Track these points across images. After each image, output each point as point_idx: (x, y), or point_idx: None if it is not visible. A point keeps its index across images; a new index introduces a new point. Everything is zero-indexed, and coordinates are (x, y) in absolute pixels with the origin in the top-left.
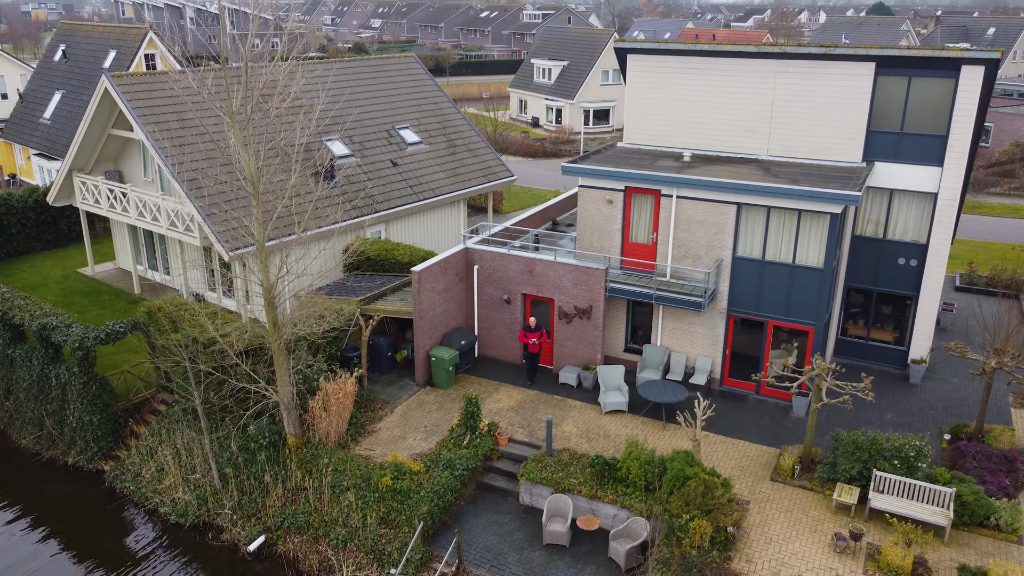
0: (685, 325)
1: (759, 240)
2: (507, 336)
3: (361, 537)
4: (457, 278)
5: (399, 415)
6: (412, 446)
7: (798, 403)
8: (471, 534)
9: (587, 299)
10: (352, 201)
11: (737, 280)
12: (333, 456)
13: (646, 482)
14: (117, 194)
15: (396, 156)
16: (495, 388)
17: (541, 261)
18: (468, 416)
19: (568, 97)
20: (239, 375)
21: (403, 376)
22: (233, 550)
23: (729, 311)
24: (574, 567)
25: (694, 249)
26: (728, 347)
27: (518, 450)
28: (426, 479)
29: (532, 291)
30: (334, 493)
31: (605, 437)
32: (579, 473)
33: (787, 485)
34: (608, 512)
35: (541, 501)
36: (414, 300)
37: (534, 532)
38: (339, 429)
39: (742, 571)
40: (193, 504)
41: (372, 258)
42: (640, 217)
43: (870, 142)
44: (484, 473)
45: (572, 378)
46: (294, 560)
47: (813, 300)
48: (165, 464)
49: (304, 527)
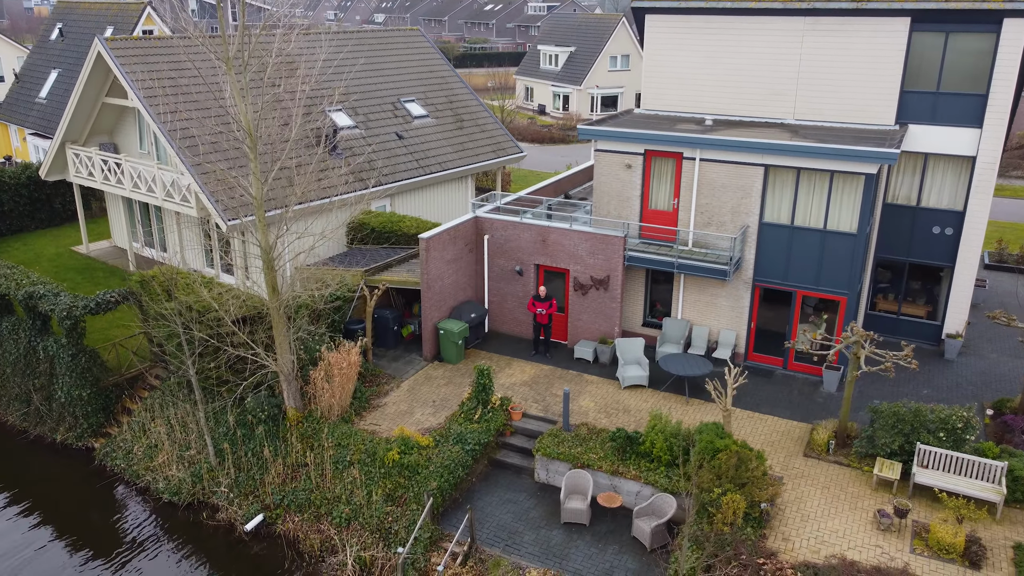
0: (708, 297)
1: (788, 205)
2: (519, 310)
3: (366, 515)
4: (467, 248)
5: (406, 390)
6: (420, 421)
7: (829, 377)
8: (484, 512)
9: (604, 269)
10: (356, 173)
11: (764, 248)
12: (336, 430)
13: (672, 456)
14: (111, 165)
15: (402, 129)
16: (507, 363)
17: (556, 229)
18: (480, 389)
19: (575, 83)
20: (236, 343)
21: (410, 351)
22: (229, 530)
23: (755, 281)
24: (595, 546)
25: (718, 215)
26: (753, 319)
27: (532, 425)
28: (435, 454)
29: (546, 262)
30: (337, 469)
31: (625, 412)
32: (599, 448)
33: (822, 461)
34: (631, 488)
35: (558, 478)
36: (421, 269)
37: (551, 510)
38: (342, 402)
39: (779, 549)
40: (187, 482)
41: (376, 230)
42: (660, 182)
43: (904, 103)
44: (497, 449)
45: (588, 353)
46: (294, 540)
47: (845, 268)
48: (158, 440)
49: (305, 505)
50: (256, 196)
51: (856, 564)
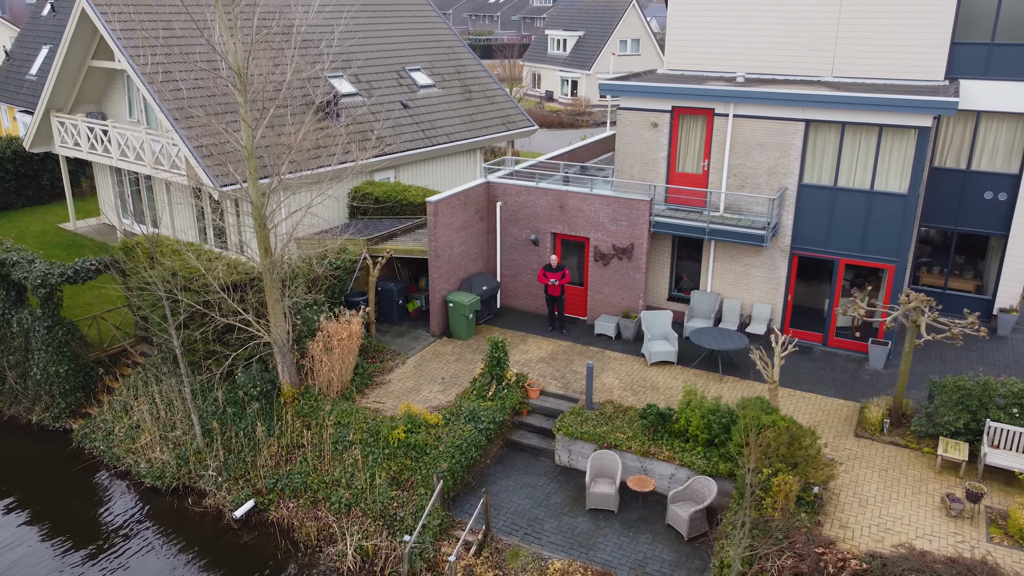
0: (740, 267)
1: (830, 164)
2: (534, 283)
3: (368, 500)
4: (478, 216)
5: (412, 366)
6: (428, 399)
7: (875, 353)
8: (499, 498)
9: (628, 237)
10: (358, 142)
11: (803, 212)
12: (335, 407)
13: (710, 435)
14: (98, 132)
15: (407, 98)
16: (521, 339)
17: (575, 194)
18: (493, 363)
19: (584, 68)
20: (225, 312)
21: (416, 327)
22: (217, 517)
23: (793, 249)
24: (625, 535)
25: (753, 177)
26: (790, 292)
27: (551, 403)
28: (445, 433)
29: (563, 230)
30: (336, 450)
31: (653, 389)
32: (627, 427)
33: (876, 441)
34: (663, 471)
35: (582, 460)
36: (429, 237)
37: (574, 495)
38: (343, 377)
39: (837, 537)
40: (172, 465)
41: (380, 199)
42: (689, 142)
43: (954, 56)
44: (513, 429)
45: (610, 328)
46: (288, 528)
47: (895, 232)
48: (141, 420)
49: (300, 489)
50: (246, 145)
51: (928, 554)
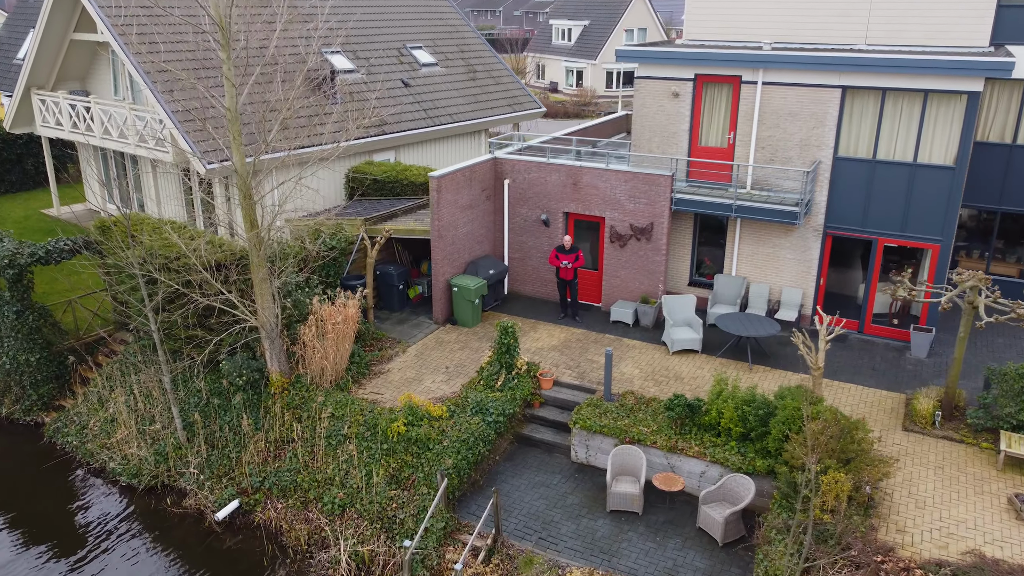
0: (769, 248)
1: (869, 134)
2: (544, 267)
3: (364, 501)
4: (484, 194)
5: (413, 355)
6: (430, 389)
7: (918, 341)
8: (510, 498)
9: (647, 215)
10: (356, 120)
11: (839, 187)
12: (329, 398)
13: (745, 429)
14: (80, 110)
15: (408, 77)
16: (531, 327)
17: (590, 170)
18: (503, 350)
19: (590, 58)
20: (208, 293)
21: (417, 314)
22: (198, 519)
23: (826, 228)
24: (651, 539)
25: (783, 150)
26: (823, 275)
27: (565, 394)
28: (450, 426)
29: (577, 209)
30: (330, 445)
31: (677, 379)
32: (650, 420)
33: (927, 436)
34: (693, 468)
35: (601, 457)
36: (432, 215)
37: (593, 495)
38: (337, 366)
39: (895, 544)
40: (149, 462)
41: (379, 180)
42: (713, 113)
43: (1001, 19)
44: (524, 423)
45: (627, 314)
46: (276, 531)
47: (939, 209)
48: (117, 413)
49: (290, 489)
50: (229, 107)
51: (1002, 563)
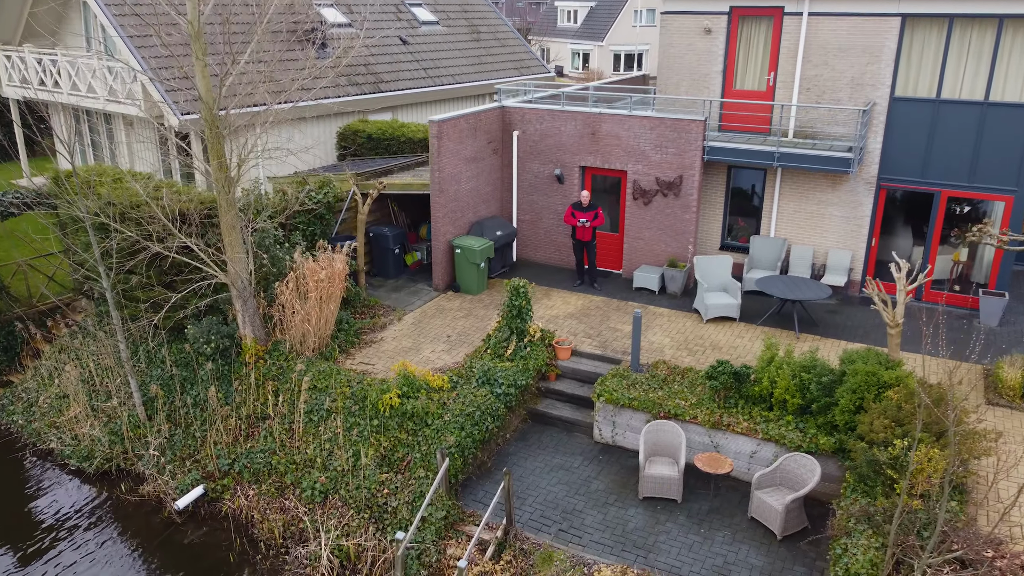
0: (813, 205)
1: (932, 69)
2: (557, 230)
3: (351, 486)
4: (490, 147)
5: (410, 323)
6: (429, 359)
7: (988, 307)
8: (524, 483)
9: (675, 168)
10: (349, 76)
11: (895, 133)
12: (311, 368)
13: (804, 400)
14: (46, 64)
15: (407, 34)
16: (544, 294)
17: (610, 117)
18: (513, 313)
19: (597, 39)
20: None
21: (416, 281)
22: (157, 507)
23: (880, 181)
24: (694, 532)
25: (831, 91)
26: (875, 235)
27: (586, 365)
28: (452, 399)
29: (595, 162)
30: (311, 421)
31: (713, 349)
32: (687, 392)
33: (1016, 410)
34: (741, 448)
35: (630, 436)
36: (432, 166)
37: (622, 480)
38: (321, 331)
39: (1003, 536)
40: (103, 442)
41: (374, 137)
42: (751, 50)
43: None
44: (538, 398)
45: (652, 280)
46: (246, 522)
47: (1015, 155)
48: (69, 388)
49: (263, 472)
50: (191, 21)
51: None
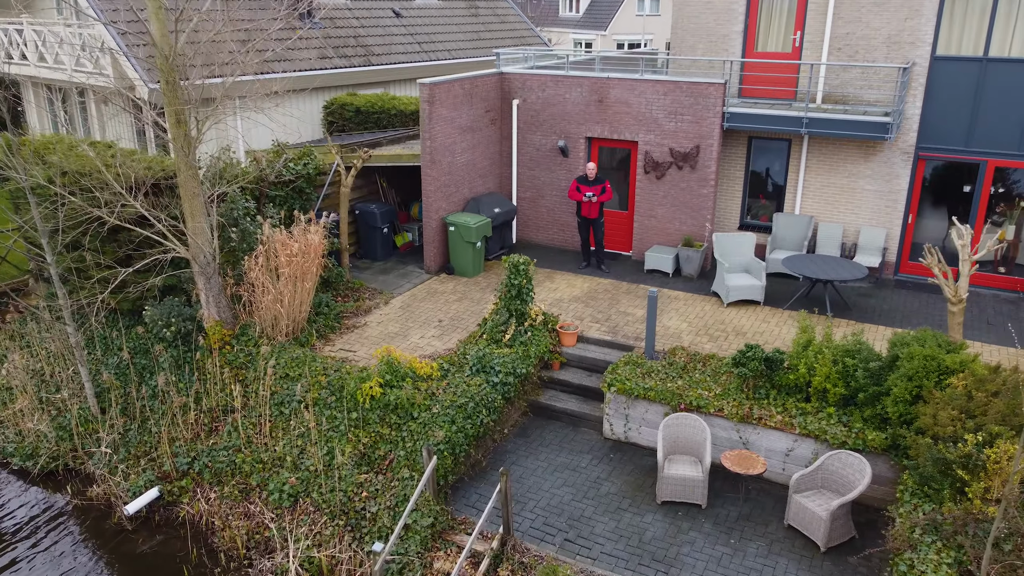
0: (843, 179)
1: (978, 24)
2: (560, 208)
3: (324, 488)
4: (488, 116)
5: (398, 307)
6: (418, 345)
7: None
8: (524, 485)
9: (692, 137)
10: (338, 48)
11: (937, 96)
12: (282, 354)
13: (848, 390)
14: (12, 34)
15: (400, 7)
16: (547, 277)
17: (619, 82)
18: (512, 293)
19: (599, 29)
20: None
21: (406, 263)
22: (107, 512)
23: (918, 150)
24: (722, 543)
25: (865, 51)
26: (913, 211)
27: (594, 352)
28: (442, 389)
29: (603, 133)
30: (281, 415)
31: (737, 334)
32: (711, 380)
33: None
34: (775, 445)
35: (645, 431)
36: (423, 133)
37: (637, 482)
38: (296, 313)
39: None
40: (49, 439)
41: (362, 111)
42: (775, 7)
43: None
44: (540, 389)
45: (666, 261)
46: (205, 530)
47: None
48: (16, 380)
49: (226, 473)
50: None
51: None
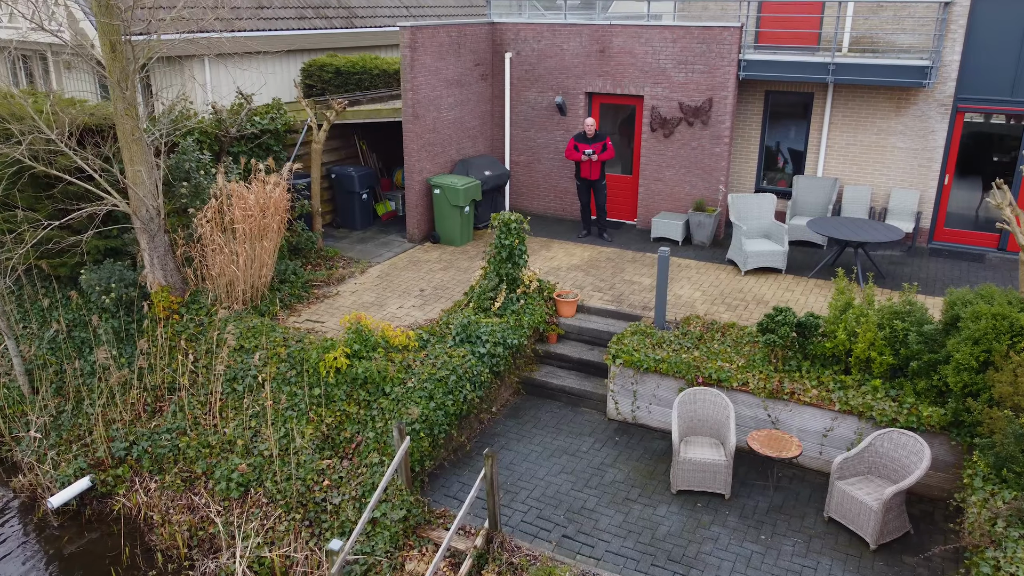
0: (871, 136)
1: None
2: (559, 173)
3: (279, 476)
4: (478, 70)
5: (375, 275)
6: (396, 316)
7: None
8: (515, 472)
9: (704, 89)
10: (317, 8)
11: (979, 41)
12: (237, 324)
13: (897, 359)
14: None
15: None
16: (543, 245)
17: (623, 29)
18: (503, 255)
19: None
20: (64, 169)
21: (387, 232)
22: (30, 506)
23: (958, 102)
24: (751, 539)
25: None
26: (949, 172)
27: (596, 323)
28: (420, 360)
29: (604, 87)
30: (233, 392)
31: (757, 303)
32: (732, 351)
33: None
34: (809, 424)
35: (657, 409)
36: (404, 82)
37: (648, 468)
38: (254, 277)
39: None
40: None
41: (343, 71)
42: None
43: None
44: (534, 363)
45: (675, 228)
46: (144, 525)
47: None
48: None
49: (168, 459)
50: None
51: None
